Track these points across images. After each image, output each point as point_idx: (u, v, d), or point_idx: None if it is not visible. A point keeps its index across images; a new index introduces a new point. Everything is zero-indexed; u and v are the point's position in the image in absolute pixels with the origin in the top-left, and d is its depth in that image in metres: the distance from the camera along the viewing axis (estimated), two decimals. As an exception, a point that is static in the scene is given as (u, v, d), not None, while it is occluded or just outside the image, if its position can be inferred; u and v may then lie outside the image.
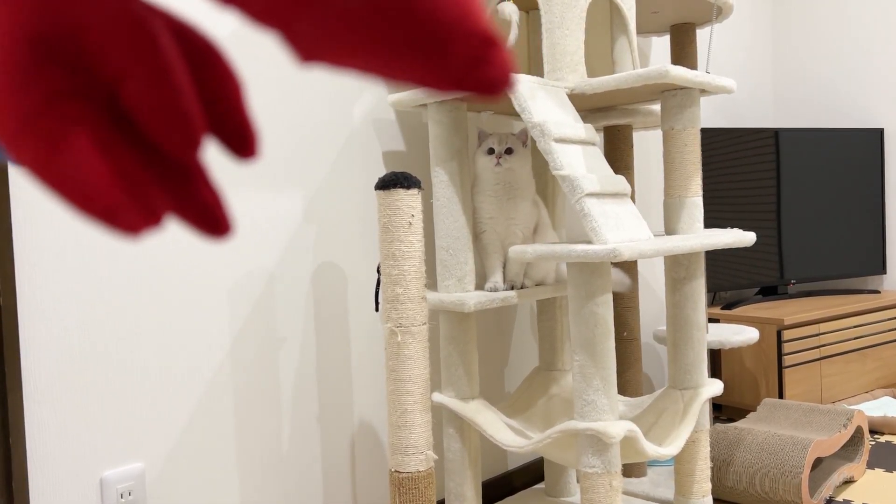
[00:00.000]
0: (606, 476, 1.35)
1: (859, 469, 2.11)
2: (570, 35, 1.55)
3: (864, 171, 3.04)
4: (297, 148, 1.59)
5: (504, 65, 0.26)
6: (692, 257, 1.61)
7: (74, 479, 1.28)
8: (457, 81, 0.26)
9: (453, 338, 1.56)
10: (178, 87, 0.26)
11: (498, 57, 0.26)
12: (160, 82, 0.26)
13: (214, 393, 1.46)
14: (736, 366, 2.69)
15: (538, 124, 1.36)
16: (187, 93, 0.26)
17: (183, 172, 0.28)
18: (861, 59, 3.17)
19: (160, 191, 0.28)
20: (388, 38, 0.25)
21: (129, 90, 0.26)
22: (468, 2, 0.25)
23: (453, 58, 0.25)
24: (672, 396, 1.62)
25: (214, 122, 0.29)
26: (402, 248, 1.35)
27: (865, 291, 3.05)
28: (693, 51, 2.20)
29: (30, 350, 1.23)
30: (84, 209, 0.26)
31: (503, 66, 0.26)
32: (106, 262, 1.32)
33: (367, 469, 1.73)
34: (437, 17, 0.24)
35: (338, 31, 0.25)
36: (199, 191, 0.29)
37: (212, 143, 0.30)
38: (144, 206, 0.27)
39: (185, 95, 0.26)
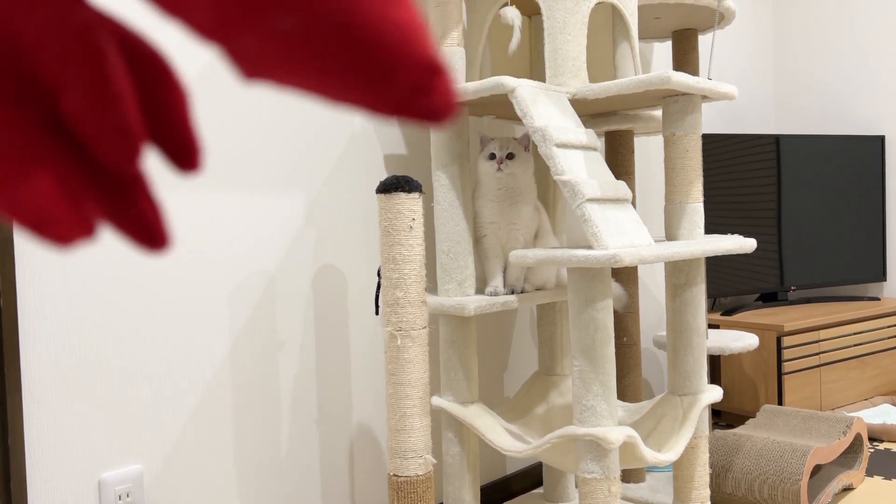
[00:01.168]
0: (605, 481, 1.35)
1: (858, 476, 2.11)
2: (572, 40, 1.55)
3: (865, 179, 3.04)
4: (298, 151, 1.59)
5: (446, 94, 0.25)
6: (693, 263, 1.61)
7: (73, 481, 1.28)
8: (399, 108, 0.25)
9: (453, 342, 1.56)
10: (118, 97, 0.25)
11: (441, 86, 0.25)
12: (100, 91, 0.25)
13: (214, 395, 1.46)
14: (735, 372, 2.69)
15: (540, 129, 1.36)
16: (128, 103, 0.26)
17: (121, 183, 0.28)
18: (862, 66, 3.17)
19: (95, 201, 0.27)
20: (331, 60, 0.24)
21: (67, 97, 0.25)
22: (413, 28, 0.24)
23: (396, 84, 0.25)
24: (671, 402, 1.62)
25: (157, 133, 0.28)
26: (403, 251, 1.35)
27: (865, 298, 3.05)
28: (695, 57, 2.20)
29: (29, 351, 1.23)
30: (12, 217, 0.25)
31: (446, 96, 0.25)
32: (106, 264, 1.32)
33: (365, 472, 1.73)
34: (380, 41, 0.24)
35: (281, 49, 0.25)
36: (137, 202, 0.28)
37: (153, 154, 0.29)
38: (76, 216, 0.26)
39: (125, 106, 0.26)
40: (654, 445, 1.53)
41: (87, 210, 0.27)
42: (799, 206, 2.92)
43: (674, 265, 1.63)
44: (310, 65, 0.25)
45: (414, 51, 0.25)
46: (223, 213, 1.47)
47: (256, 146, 1.52)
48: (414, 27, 0.25)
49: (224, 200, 1.47)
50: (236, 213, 1.49)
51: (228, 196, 1.48)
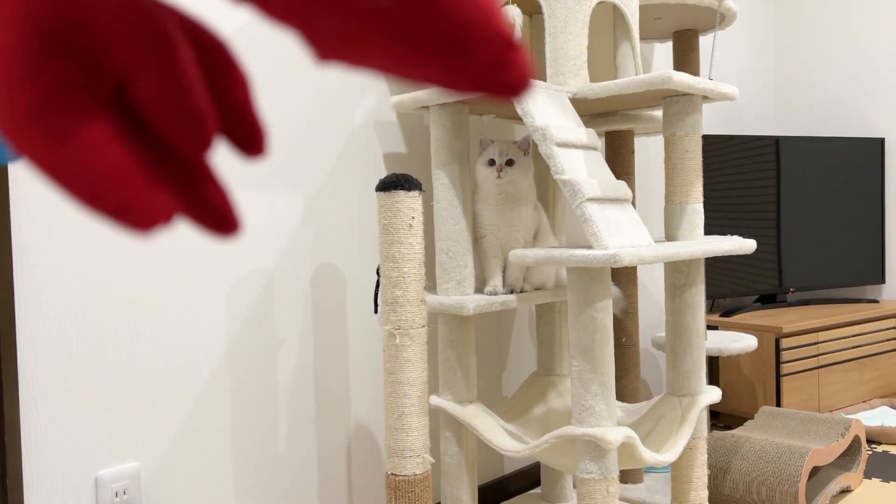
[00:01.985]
0: (603, 482, 1.35)
1: (856, 478, 2.11)
2: (573, 39, 1.54)
3: (865, 181, 3.04)
4: (297, 149, 1.59)
5: (524, 68, 0.26)
6: (692, 264, 1.61)
7: (69, 478, 1.28)
8: (477, 83, 0.26)
9: (452, 341, 1.55)
10: (188, 84, 0.26)
11: (518, 60, 0.26)
12: (171, 78, 0.25)
13: (211, 393, 1.46)
14: (734, 373, 2.69)
15: (540, 128, 1.36)
16: (198, 90, 0.26)
17: (191, 170, 0.28)
18: (863, 68, 3.17)
19: (169, 188, 0.27)
20: (410, 38, 0.25)
21: (138, 85, 0.26)
22: (490, 5, 0.25)
23: (475, 60, 0.25)
24: (670, 403, 1.62)
25: (223, 120, 0.28)
26: (402, 250, 1.34)
27: (864, 301, 3.05)
28: (695, 57, 2.20)
29: (26, 348, 1.23)
30: (94, 205, 0.26)
31: (523, 70, 0.26)
32: (104, 261, 1.32)
33: (363, 471, 1.72)
34: (459, 18, 0.24)
35: (359, 29, 0.25)
36: (207, 189, 0.28)
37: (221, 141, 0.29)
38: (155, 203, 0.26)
39: (195, 92, 0.26)
40: (653, 446, 1.52)
41: (165, 197, 0.27)
42: (798, 208, 2.92)
43: (673, 266, 1.63)
44: (388, 43, 0.25)
45: (491, 26, 0.25)
46: (222, 211, 1.46)
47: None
48: (489, 3, 0.25)
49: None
50: (235, 210, 1.49)
51: (227, 193, 1.47)
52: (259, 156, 0.29)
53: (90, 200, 0.25)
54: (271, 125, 1.54)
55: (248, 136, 0.29)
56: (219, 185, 0.29)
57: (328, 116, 1.64)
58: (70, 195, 0.26)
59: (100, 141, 0.25)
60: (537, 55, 1.92)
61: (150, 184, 0.26)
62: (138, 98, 0.26)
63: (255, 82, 1.50)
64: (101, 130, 0.26)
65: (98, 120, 0.26)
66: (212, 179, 0.28)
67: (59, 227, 1.27)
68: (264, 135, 0.29)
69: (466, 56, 0.25)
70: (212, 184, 0.28)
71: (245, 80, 0.29)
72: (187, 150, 0.27)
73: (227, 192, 0.29)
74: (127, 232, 1.23)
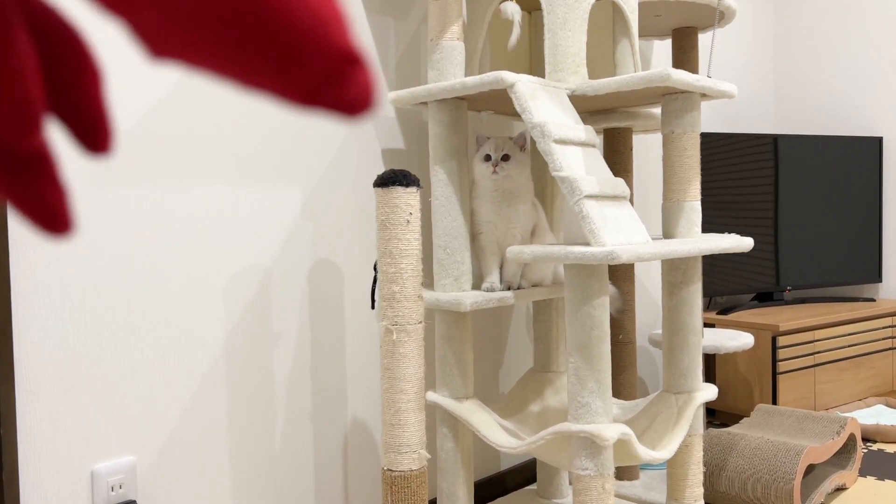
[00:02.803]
0: (599, 479, 1.35)
1: (851, 477, 2.12)
2: (572, 36, 1.54)
3: (863, 180, 3.04)
4: (295, 144, 1.58)
5: (365, 85, 0.24)
6: (689, 262, 1.61)
7: (65, 472, 1.28)
8: (309, 96, 0.24)
9: (449, 337, 1.56)
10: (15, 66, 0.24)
11: (359, 76, 0.24)
12: None
13: (208, 388, 1.46)
14: (730, 371, 2.69)
15: (538, 125, 1.35)
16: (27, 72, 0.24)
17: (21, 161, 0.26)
18: (862, 67, 3.17)
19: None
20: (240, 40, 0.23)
21: None
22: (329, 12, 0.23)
23: (308, 71, 0.23)
24: (666, 400, 1.62)
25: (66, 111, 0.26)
26: (400, 246, 1.34)
27: (861, 299, 3.05)
28: (695, 55, 2.20)
29: (22, 342, 1.23)
30: None
31: (362, 87, 0.24)
32: (101, 255, 1.32)
33: (359, 467, 1.73)
34: (290, 21, 0.22)
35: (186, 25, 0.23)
36: (39, 183, 0.26)
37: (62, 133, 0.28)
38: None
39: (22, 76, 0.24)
40: (649, 443, 1.53)
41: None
42: (796, 207, 2.92)
43: (670, 263, 1.63)
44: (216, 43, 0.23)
45: (327, 35, 0.23)
46: (219, 207, 1.46)
47: (253, 139, 1.51)
48: (330, 11, 0.23)
49: (220, 193, 1.47)
50: (232, 206, 1.48)
51: (224, 189, 1.47)
52: (103, 153, 0.27)
53: None
54: (270, 119, 1.54)
55: (93, 131, 0.27)
56: (56, 181, 0.27)
57: (326, 112, 1.64)
58: None
59: None
60: (536, 52, 1.92)
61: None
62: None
63: (105, 75, 1.50)
64: None
65: None
66: (48, 174, 0.27)
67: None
68: (110, 132, 0.27)
69: (296, 65, 0.23)
70: (46, 178, 0.26)
71: (95, 71, 0.27)
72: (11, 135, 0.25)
73: (63, 189, 0.27)
74: None
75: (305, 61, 0.23)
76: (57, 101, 0.26)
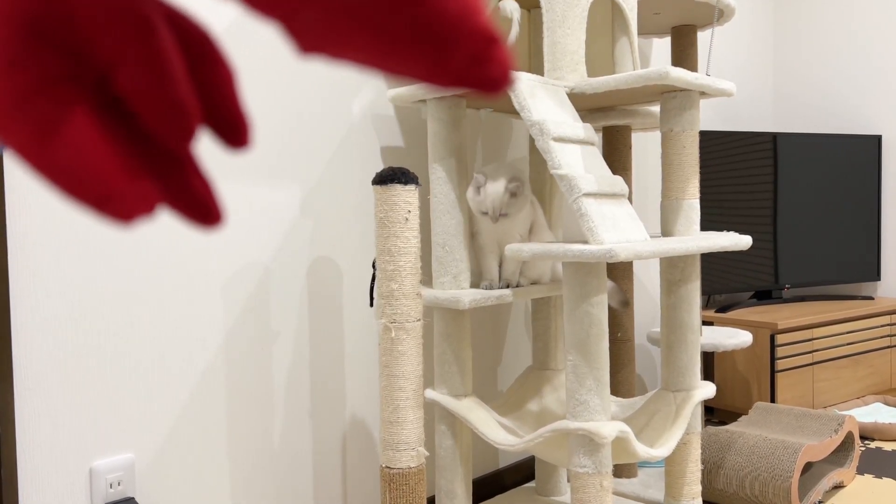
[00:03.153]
0: (597, 476, 1.35)
1: (849, 474, 2.12)
2: (571, 34, 1.54)
3: (861, 178, 3.04)
4: (294, 142, 1.58)
5: (505, 63, 0.26)
6: (688, 259, 1.61)
7: (64, 469, 1.28)
8: (458, 78, 0.26)
9: (447, 335, 1.56)
10: (173, 75, 0.26)
11: (499, 55, 0.25)
12: (155, 69, 0.25)
13: (206, 386, 1.46)
14: (729, 369, 2.69)
15: (537, 123, 1.35)
16: (182, 81, 0.26)
17: (175, 161, 0.28)
18: (861, 65, 3.17)
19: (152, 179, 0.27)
20: (391, 32, 0.25)
21: (123, 76, 0.26)
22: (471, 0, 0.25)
23: (455, 55, 0.25)
24: (664, 398, 1.63)
25: (207, 111, 0.28)
26: (399, 243, 1.34)
27: (859, 298, 3.06)
28: (694, 53, 2.20)
29: (21, 340, 1.23)
30: (76, 195, 0.26)
31: (504, 65, 0.26)
32: (100, 253, 1.32)
33: (358, 464, 1.73)
34: (440, 12, 0.24)
35: (340, 22, 0.25)
36: (190, 180, 0.28)
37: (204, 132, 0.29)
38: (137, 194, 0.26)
39: (179, 83, 0.26)
40: (647, 441, 1.53)
41: (147, 188, 0.27)
42: (795, 205, 2.92)
43: (669, 261, 1.63)
44: (369, 37, 0.25)
45: (472, 21, 0.25)
46: (218, 203, 1.46)
47: (253, 137, 1.51)
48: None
49: (220, 190, 1.46)
50: (231, 203, 1.48)
51: (224, 186, 1.47)
52: (243, 148, 0.29)
53: (72, 191, 0.25)
54: (269, 117, 1.54)
55: (232, 128, 0.29)
56: (203, 177, 0.29)
57: (326, 109, 1.64)
58: (52, 186, 0.26)
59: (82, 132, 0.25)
60: (535, 49, 1.91)
61: (131, 175, 0.26)
62: (122, 89, 0.26)
63: (240, 74, 1.50)
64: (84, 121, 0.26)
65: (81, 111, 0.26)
66: (196, 171, 0.28)
67: (54, 218, 1.26)
68: (248, 127, 0.29)
69: (447, 51, 0.25)
70: (196, 175, 0.28)
71: (230, 72, 0.28)
72: (170, 141, 0.27)
73: (210, 184, 0.29)
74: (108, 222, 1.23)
75: (454, 47, 0.25)
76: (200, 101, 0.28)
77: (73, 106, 0.25)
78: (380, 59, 0.26)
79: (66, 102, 0.25)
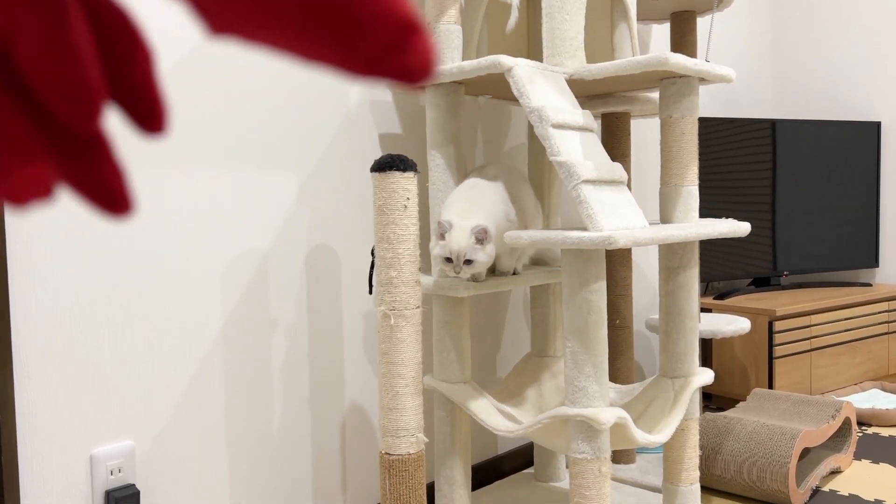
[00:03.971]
0: (596, 462, 1.36)
1: (846, 460, 2.13)
2: (570, 20, 1.53)
3: (860, 165, 3.04)
4: (292, 129, 1.58)
5: (424, 53, 0.24)
6: (687, 246, 1.61)
7: (64, 456, 1.28)
8: (372, 67, 0.24)
9: (446, 322, 1.56)
10: (75, 49, 0.24)
11: (419, 44, 0.24)
12: (56, 41, 0.24)
13: (206, 373, 1.46)
14: (727, 356, 2.70)
15: (536, 109, 1.35)
16: (87, 56, 0.24)
17: (81, 143, 0.26)
18: (861, 52, 3.16)
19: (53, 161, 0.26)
20: (300, 14, 0.23)
21: (21, 48, 0.24)
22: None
23: (369, 42, 0.24)
24: (663, 385, 1.63)
25: (121, 93, 0.27)
26: (397, 231, 1.34)
27: (857, 284, 3.06)
28: (693, 39, 2.19)
29: (20, 327, 1.23)
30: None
31: (424, 55, 0.24)
32: (98, 240, 1.31)
33: (357, 451, 1.73)
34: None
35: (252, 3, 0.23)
36: (98, 164, 0.27)
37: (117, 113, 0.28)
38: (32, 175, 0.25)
39: (84, 59, 0.24)
40: (645, 427, 1.53)
41: (44, 170, 0.26)
42: (793, 191, 2.92)
43: (668, 248, 1.63)
44: (279, 18, 0.24)
45: (388, 6, 0.23)
46: (216, 192, 1.46)
47: (250, 124, 1.51)
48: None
49: (217, 179, 1.46)
50: (229, 191, 1.48)
51: (221, 174, 1.47)
52: (158, 133, 0.28)
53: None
54: (267, 105, 1.53)
55: (147, 112, 0.27)
56: (113, 162, 0.27)
57: (323, 95, 1.63)
58: None
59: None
60: (534, 35, 1.91)
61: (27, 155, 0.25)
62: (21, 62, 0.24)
63: (156, 55, 1.49)
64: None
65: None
66: (105, 155, 0.27)
67: (53, 206, 1.26)
68: (164, 111, 0.28)
69: (359, 37, 0.24)
70: (105, 160, 0.27)
71: (147, 53, 0.27)
72: (72, 120, 0.25)
73: (121, 170, 0.27)
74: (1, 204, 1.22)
75: (369, 33, 0.24)
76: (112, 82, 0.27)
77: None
78: (292, 43, 0.24)
79: None
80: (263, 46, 0.25)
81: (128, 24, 0.27)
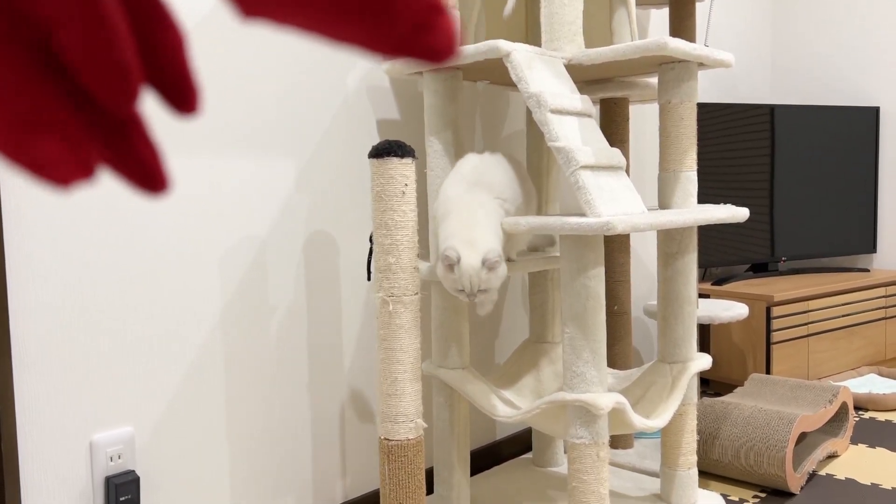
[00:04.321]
0: (594, 447, 1.36)
1: (843, 444, 2.14)
2: (568, 5, 1.52)
3: (859, 150, 3.04)
4: (289, 114, 1.57)
5: (449, 33, 0.25)
6: (685, 232, 1.61)
7: (64, 443, 1.29)
8: (399, 47, 0.25)
9: (445, 308, 1.56)
10: (113, 34, 0.25)
11: (443, 24, 0.25)
12: (95, 28, 0.25)
13: (205, 359, 1.46)
14: (725, 341, 2.71)
15: (535, 94, 1.34)
16: (124, 41, 0.25)
17: (119, 125, 0.27)
18: (859, 37, 3.15)
19: (93, 143, 0.27)
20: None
21: (61, 36, 0.25)
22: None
23: (396, 22, 0.25)
24: (661, 370, 1.64)
25: (154, 74, 0.28)
26: (395, 217, 1.34)
27: (855, 270, 3.06)
28: (692, 24, 2.18)
29: (19, 314, 1.23)
30: (10, 158, 0.25)
31: (447, 34, 0.25)
32: (96, 227, 1.31)
33: (356, 436, 1.74)
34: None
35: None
36: (135, 145, 0.28)
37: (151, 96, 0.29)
38: (76, 158, 0.26)
39: (121, 43, 0.25)
40: (643, 412, 1.54)
41: (87, 152, 0.27)
42: (792, 177, 2.92)
43: (666, 234, 1.63)
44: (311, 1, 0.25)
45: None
46: (214, 178, 1.46)
47: (247, 110, 1.50)
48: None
49: (214, 165, 1.46)
50: (227, 177, 1.48)
51: (219, 160, 1.46)
52: (191, 113, 0.29)
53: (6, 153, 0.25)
54: (264, 90, 1.53)
55: (180, 93, 0.28)
56: (149, 142, 0.28)
57: (320, 81, 1.62)
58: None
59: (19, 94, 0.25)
60: (532, 20, 1.90)
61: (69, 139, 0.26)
62: (62, 49, 0.25)
63: (189, 38, 1.48)
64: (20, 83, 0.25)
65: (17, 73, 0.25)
66: (142, 135, 0.28)
67: (50, 195, 1.26)
68: (197, 92, 0.28)
69: (387, 18, 0.25)
70: (141, 140, 0.28)
71: (179, 35, 0.28)
72: (111, 103, 0.26)
73: (157, 149, 0.28)
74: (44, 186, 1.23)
75: (398, 14, 0.25)
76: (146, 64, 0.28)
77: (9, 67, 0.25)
78: (321, 25, 0.25)
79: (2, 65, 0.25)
80: (293, 29, 0.26)
81: (160, 8, 0.28)
